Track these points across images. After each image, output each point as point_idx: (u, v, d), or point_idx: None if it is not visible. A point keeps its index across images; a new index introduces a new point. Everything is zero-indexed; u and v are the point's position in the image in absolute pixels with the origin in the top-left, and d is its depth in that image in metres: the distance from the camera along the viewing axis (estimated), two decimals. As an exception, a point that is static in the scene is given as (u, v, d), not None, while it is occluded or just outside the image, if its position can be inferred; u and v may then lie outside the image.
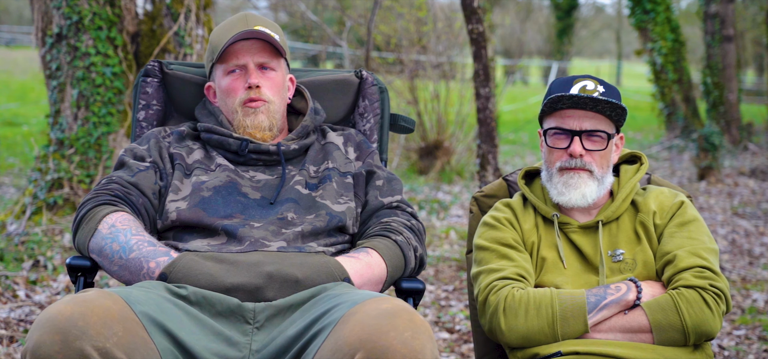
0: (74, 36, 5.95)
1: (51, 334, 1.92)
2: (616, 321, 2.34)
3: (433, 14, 11.30)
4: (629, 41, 35.34)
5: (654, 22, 14.66)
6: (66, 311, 1.95)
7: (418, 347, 1.96)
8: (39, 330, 1.94)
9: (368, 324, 1.97)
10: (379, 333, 1.95)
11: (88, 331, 1.93)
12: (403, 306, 2.03)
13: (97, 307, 1.97)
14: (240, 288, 2.23)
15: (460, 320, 4.82)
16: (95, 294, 2.01)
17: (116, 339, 1.96)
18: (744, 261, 6.48)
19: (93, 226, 2.34)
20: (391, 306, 2.02)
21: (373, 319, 1.98)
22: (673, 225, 2.46)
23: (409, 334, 1.96)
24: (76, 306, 1.96)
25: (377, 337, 1.95)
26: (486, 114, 5.97)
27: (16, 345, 3.96)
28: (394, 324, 1.97)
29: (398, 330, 1.96)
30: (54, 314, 1.95)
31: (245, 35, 2.53)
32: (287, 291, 2.25)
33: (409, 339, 1.95)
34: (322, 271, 2.29)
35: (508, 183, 2.74)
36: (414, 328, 1.97)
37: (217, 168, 2.52)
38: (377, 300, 2.06)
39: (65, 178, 5.99)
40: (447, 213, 8.15)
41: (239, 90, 2.55)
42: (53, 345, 1.92)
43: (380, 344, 1.94)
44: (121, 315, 1.99)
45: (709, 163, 10.63)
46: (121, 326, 1.98)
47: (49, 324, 1.94)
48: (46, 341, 1.92)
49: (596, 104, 2.43)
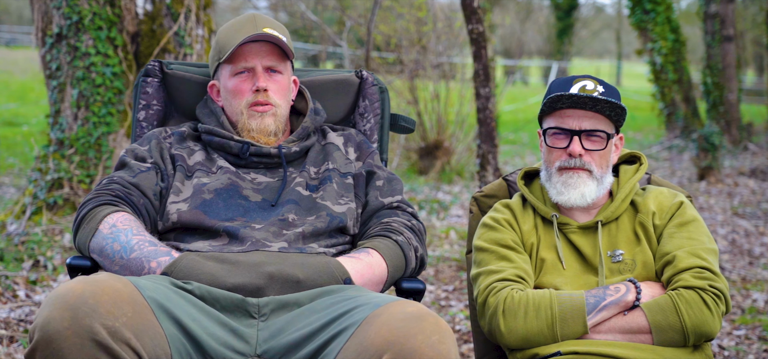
0: (74, 36, 5.95)
1: (61, 310, 1.93)
2: (616, 322, 2.34)
3: (433, 14, 11.30)
4: (629, 41, 35.34)
5: (654, 22, 14.66)
6: (77, 289, 1.96)
7: (445, 351, 1.97)
8: (49, 306, 1.95)
9: (395, 327, 1.98)
10: (407, 335, 1.97)
11: (98, 310, 1.94)
12: (428, 310, 2.05)
13: (107, 287, 1.98)
14: (241, 289, 2.23)
15: (460, 320, 4.82)
16: (106, 276, 2.03)
17: (125, 319, 1.96)
18: (744, 261, 6.48)
19: (94, 226, 2.35)
20: (416, 310, 2.03)
21: (400, 321, 2.00)
22: (673, 225, 2.46)
23: (436, 338, 1.98)
24: (87, 285, 1.97)
25: (405, 340, 1.96)
26: (486, 114, 5.97)
27: (17, 345, 3.96)
28: (422, 327, 1.98)
29: (426, 333, 1.97)
30: (65, 291, 1.96)
31: (256, 38, 2.53)
32: (288, 291, 2.25)
33: (436, 343, 1.97)
34: (324, 272, 2.30)
35: (508, 184, 2.74)
36: (441, 332, 1.99)
37: (218, 170, 2.52)
38: (401, 303, 2.07)
39: (65, 177, 5.99)
40: (447, 213, 8.15)
41: (246, 92, 2.56)
42: (63, 321, 1.92)
43: (408, 346, 1.95)
44: (130, 297, 2.00)
45: (709, 163, 10.63)
46: (130, 307, 1.99)
47: (59, 300, 1.94)
48: (55, 317, 1.92)
49: (596, 104, 2.43)
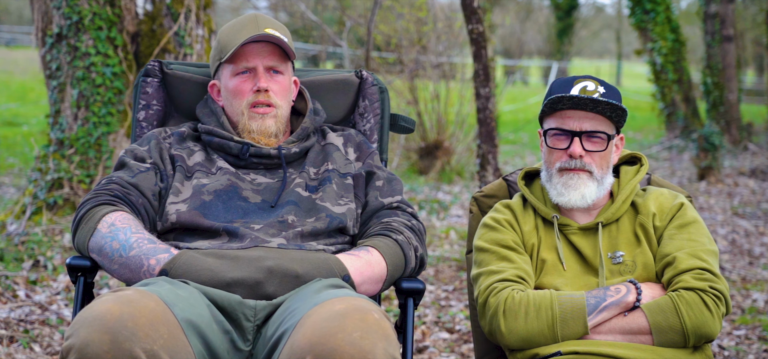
0: (74, 36, 5.95)
1: (99, 333, 1.91)
2: (616, 322, 2.34)
3: (433, 14, 11.30)
4: (629, 41, 35.33)
5: (654, 22, 14.66)
6: (115, 311, 1.94)
7: (367, 347, 1.94)
8: (86, 327, 1.93)
9: (318, 327, 1.97)
10: (328, 335, 1.95)
11: (137, 333, 1.93)
12: (357, 306, 2.01)
13: (144, 309, 1.97)
14: (240, 283, 2.23)
15: (460, 320, 4.81)
16: (138, 295, 2.01)
17: (162, 341, 1.96)
18: (744, 262, 6.48)
19: (92, 226, 2.34)
20: (344, 307, 2.01)
21: (323, 321, 1.98)
22: (673, 227, 2.46)
23: (358, 334, 1.95)
24: (124, 306, 1.96)
25: (325, 339, 1.94)
26: (486, 114, 5.97)
27: (17, 345, 3.96)
28: (343, 324, 1.96)
29: (346, 330, 1.95)
30: (102, 313, 1.94)
31: (257, 38, 2.53)
32: (287, 285, 2.25)
33: (357, 340, 1.94)
34: (323, 267, 2.30)
35: (508, 184, 2.74)
36: (364, 328, 1.96)
37: (218, 171, 2.52)
38: (334, 301, 2.05)
39: (65, 177, 5.99)
40: (447, 213, 8.15)
41: (247, 92, 2.56)
42: (102, 344, 1.91)
43: (328, 346, 1.93)
44: (164, 318, 2.00)
45: (709, 163, 10.63)
46: (165, 329, 1.99)
47: (97, 322, 1.93)
48: (94, 339, 1.91)
49: (596, 105, 2.42)
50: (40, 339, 4.08)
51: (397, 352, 2.01)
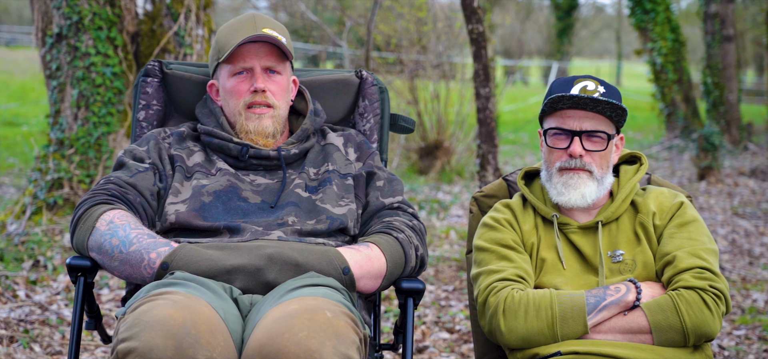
0: (74, 36, 5.95)
1: (164, 339, 1.91)
2: (616, 322, 2.34)
3: (433, 14, 11.30)
4: (629, 41, 35.33)
5: (654, 22, 14.66)
6: (178, 317, 1.94)
7: (313, 345, 1.93)
8: (148, 331, 1.92)
9: (268, 329, 1.97)
10: (275, 336, 1.95)
11: (200, 340, 1.94)
12: (310, 306, 2.01)
13: (202, 315, 1.98)
14: (241, 269, 2.24)
15: (460, 320, 4.81)
16: (192, 301, 2.01)
17: (220, 349, 1.98)
18: (744, 261, 6.48)
19: (91, 224, 2.34)
20: (296, 307, 2.01)
21: (273, 323, 1.98)
22: (673, 226, 2.46)
23: (304, 334, 1.94)
24: (185, 313, 1.96)
25: (272, 341, 1.94)
26: (486, 114, 5.97)
27: (17, 345, 3.96)
28: (291, 324, 1.96)
29: (293, 330, 1.95)
30: (165, 317, 1.94)
31: (255, 38, 2.53)
32: (287, 273, 2.26)
33: (303, 339, 1.93)
34: (322, 259, 2.30)
35: (508, 184, 2.74)
36: (311, 327, 1.95)
37: (217, 172, 2.52)
38: (289, 302, 2.05)
39: (65, 177, 5.99)
40: (447, 213, 8.15)
41: (244, 92, 2.56)
42: (166, 349, 1.91)
43: (274, 348, 1.93)
44: (219, 325, 2.02)
45: (709, 163, 10.63)
46: (222, 336, 2.00)
47: (160, 327, 1.93)
48: (158, 345, 1.91)
49: (597, 105, 2.43)
50: (40, 339, 4.08)
51: (351, 350, 1.98)
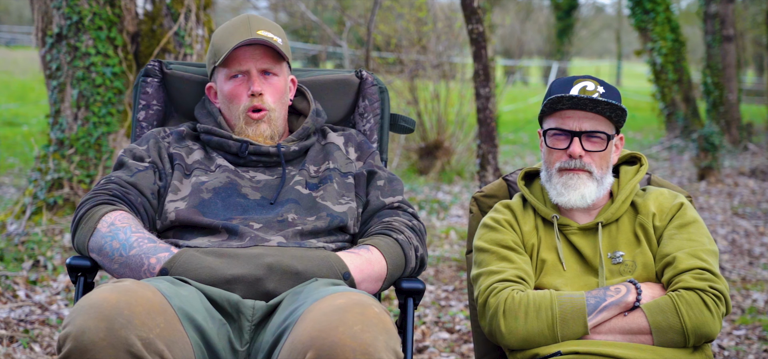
0: (74, 36, 5.95)
1: (96, 320, 1.92)
2: (616, 322, 2.34)
3: (433, 14, 11.30)
4: (629, 41, 35.32)
5: (654, 22, 14.66)
6: (111, 299, 1.95)
7: (368, 339, 1.94)
8: (82, 314, 1.93)
9: (319, 321, 1.97)
10: (329, 329, 1.95)
11: (133, 321, 1.94)
12: (357, 300, 2.02)
13: (140, 298, 1.98)
14: (240, 279, 2.24)
15: (460, 320, 4.81)
16: (135, 285, 2.02)
17: (158, 330, 1.97)
18: (744, 261, 6.48)
19: (92, 225, 2.35)
20: (344, 301, 2.01)
21: (324, 316, 1.98)
22: (673, 226, 2.46)
23: (358, 328, 1.95)
24: (120, 295, 1.96)
25: (326, 334, 1.94)
26: (486, 114, 5.97)
27: (17, 345, 3.96)
28: (344, 318, 1.96)
29: (347, 324, 1.95)
30: (99, 300, 1.95)
31: (249, 42, 2.53)
32: (287, 283, 2.26)
33: (358, 333, 1.94)
34: (323, 265, 2.30)
35: (508, 184, 2.74)
36: (364, 321, 1.96)
37: (217, 169, 2.52)
38: (335, 296, 2.05)
39: (65, 177, 5.99)
40: (447, 213, 8.15)
41: (242, 97, 2.56)
42: (98, 331, 1.91)
43: (329, 340, 1.93)
44: (161, 307, 2.01)
45: (709, 163, 10.63)
46: (162, 318, 2.00)
47: (93, 310, 1.93)
48: (90, 327, 1.92)
49: (596, 105, 2.42)
50: (40, 339, 4.08)
51: (398, 346, 2.01)
